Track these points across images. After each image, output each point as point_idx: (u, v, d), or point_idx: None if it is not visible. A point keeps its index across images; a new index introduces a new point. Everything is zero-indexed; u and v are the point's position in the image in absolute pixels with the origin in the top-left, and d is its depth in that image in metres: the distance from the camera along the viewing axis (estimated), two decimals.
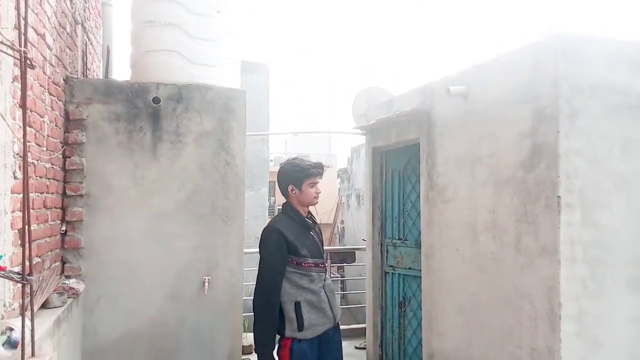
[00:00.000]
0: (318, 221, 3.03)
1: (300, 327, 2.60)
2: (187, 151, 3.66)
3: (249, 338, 4.67)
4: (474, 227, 3.16)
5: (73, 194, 3.41)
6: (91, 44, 4.53)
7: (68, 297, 3.01)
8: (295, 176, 2.77)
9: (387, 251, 4.63)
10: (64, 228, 3.39)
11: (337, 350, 2.84)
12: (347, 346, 5.32)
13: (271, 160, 19.17)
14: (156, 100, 3.52)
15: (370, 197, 4.69)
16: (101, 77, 4.39)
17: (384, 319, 4.64)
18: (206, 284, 3.62)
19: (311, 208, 2.98)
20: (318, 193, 2.85)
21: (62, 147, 3.36)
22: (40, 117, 2.84)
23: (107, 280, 3.48)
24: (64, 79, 3.39)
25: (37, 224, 2.83)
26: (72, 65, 3.67)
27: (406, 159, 4.25)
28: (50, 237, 3.12)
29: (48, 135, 3.01)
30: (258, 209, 14.98)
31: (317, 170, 2.81)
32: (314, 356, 2.65)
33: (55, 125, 3.20)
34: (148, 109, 3.57)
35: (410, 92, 4.01)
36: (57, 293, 2.85)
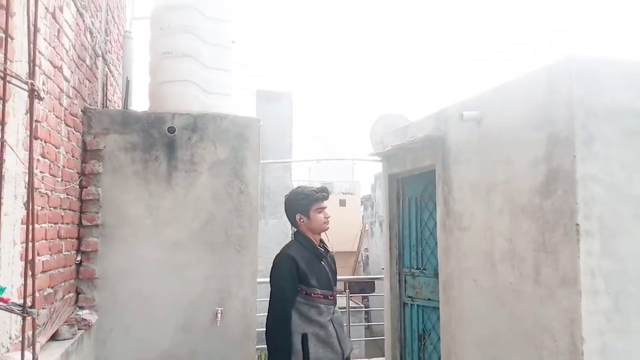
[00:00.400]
0: (337, 249, 2.98)
1: None
2: (202, 180, 3.67)
3: None
4: (491, 256, 3.05)
5: (89, 224, 3.45)
6: (112, 76, 4.66)
7: (79, 329, 3.00)
8: (302, 204, 2.74)
9: (405, 281, 4.52)
10: (79, 258, 3.42)
11: None
12: None
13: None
14: (171, 130, 3.56)
15: (387, 225, 4.61)
16: (121, 108, 4.49)
17: (403, 352, 4.49)
18: (219, 315, 3.57)
19: (324, 236, 2.93)
20: (327, 217, 2.79)
21: (79, 178, 3.42)
22: (56, 148, 2.89)
23: (120, 310, 3.47)
24: (82, 110, 3.47)
25: (50, 254, 2.85)
26: (91, 96, 3.76)
27: (423, 186, 4.17)
28: (64, 267, 3.14)
29: (64, 166, 3.07)
30: (281, 236, 15.02)
31: (321, 194, 2.75)
32: None
33: (72, 156, 3.26)
34: (164, 139, 3.62)
35: (425, 118, 3.96)
36: (68, 325, 2.85)
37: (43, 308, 2.72)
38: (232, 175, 3.74)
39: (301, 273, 2.62)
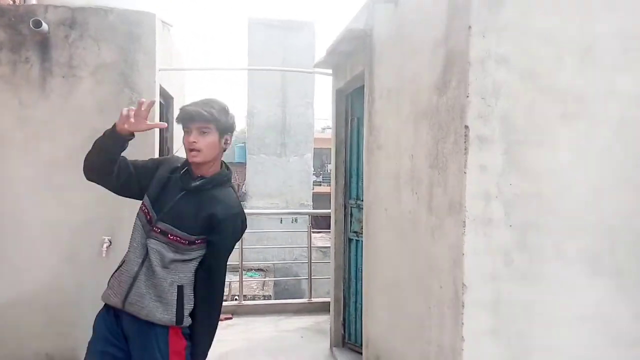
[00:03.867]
0: None
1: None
2: (83, 87, 3.11)
3: None
4: (398, 179, 2.36)
5: None
6: None
7: None
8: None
9: (351, 214, 3.88)
10: None
11: None
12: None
13: (326, 129, 18.47)
14: (36, 23, 2.96)
15: (334, 151, 3.93)
16: None
17: (347, 293, 3.92)
18: (104, 245, 3.10)
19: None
20: (192, 143, 1.83)
21: None
22: None
23: None
24: None
25: None
26: None
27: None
28: None
29: None
30: (303, 174, 14.54)
31: (186, 113, 1.85)
32: None
33: None
34: (36, 37, 3.04)
35: (359, 11, 3.16)
36: None
37: None
38: (121, 82, 3.15)
39: (153, 176, 1.92)
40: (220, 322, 4.62)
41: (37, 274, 3.11)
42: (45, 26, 2.99)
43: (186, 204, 1.84)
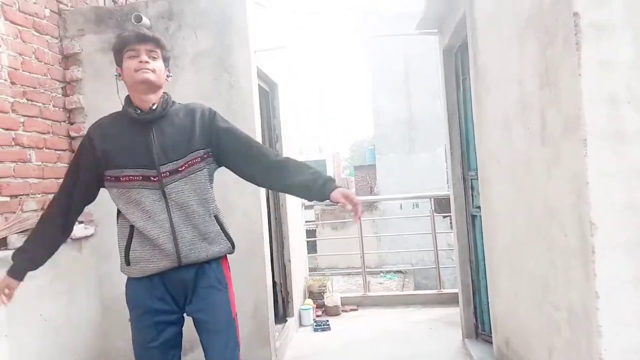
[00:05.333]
0: None
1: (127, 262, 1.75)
2: (185, 77, 3.18)
3: None
4: (507, 119, 1.96)
5: (76, 135, 3.27)
6: None
7: None
8: (115, 52, 1.77)
9: (472, 187, 3.45)
10: None
11: None
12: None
13: None
14: (137, 18, 3.11)
15: (446, 118, 3.54)
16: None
17: (475, 277, 3.48)
18: None
19: None
20: (145, 63, 1.68)
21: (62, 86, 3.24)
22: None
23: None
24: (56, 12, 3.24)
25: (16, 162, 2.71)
26: None
27: None
28: (45, 179, 3.02)
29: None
30: (435, 172, 13.82)
31: (132, 32, 1.72)
32: None
33: (44, 63, 3.08)
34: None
35: None
36: (21, 234, 2.67)
37: None
38: (219, 66, 3.16)
39: (101, 154, 1.73)
40: (345, 313, 4.48)
41: None
42: (146, 20, 3.12)
43: (163, 134, 1.72)
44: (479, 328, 3.48)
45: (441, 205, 5.06)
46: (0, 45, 2.74)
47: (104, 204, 2.04)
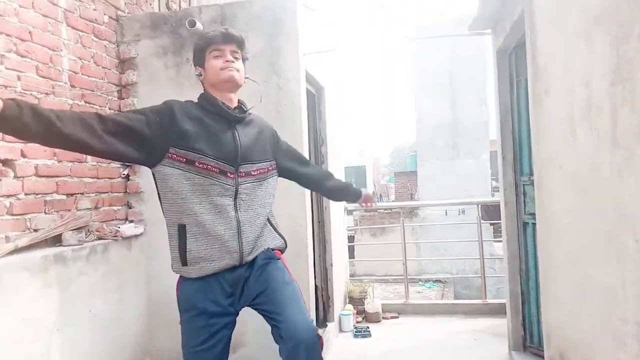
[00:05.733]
0: None
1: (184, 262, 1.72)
2: None
3: None
4: (572, 121, 1.87)
5: None
6: None
7: (100, 238, 2.92)
8: (197, 51, 1.83)
9: (524, 193, 3.33)
10: (125, 172, 3.36)
11: None
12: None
13: None
14: (191, 23, 3.17)
15: (499, 120, 3.44)
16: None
17: (525, 287, 3.35)
18: None
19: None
20: (230, 62, 1.76)
21: (117, 89, 3.34)
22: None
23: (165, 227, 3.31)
24: (114, 18, 3.34)
25: (55, 160, 2.79)
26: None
27: None
28: (99, 179, 3.10)
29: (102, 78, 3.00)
30: (479, 178, 13.50)
31: (218, 32, 1.78)
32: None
33: (101, 67, 3.17)
34: (193, 38, 3.25)
35: None
36: (75, 231, 2.75)
37: (46, 213, 2.69)
38: (269, 69, 3.18)
39: (179, 130, 1.66)
40: (385, 320, 4.41)
41: None
42: (199, 25, 3.18)
43: (246, 136, 1.80)
44: (527, 340, 3.35)
45: (488, 212, 4.92)
46: (62, 49, 2.84)
47: (154, 203, 2.09)
